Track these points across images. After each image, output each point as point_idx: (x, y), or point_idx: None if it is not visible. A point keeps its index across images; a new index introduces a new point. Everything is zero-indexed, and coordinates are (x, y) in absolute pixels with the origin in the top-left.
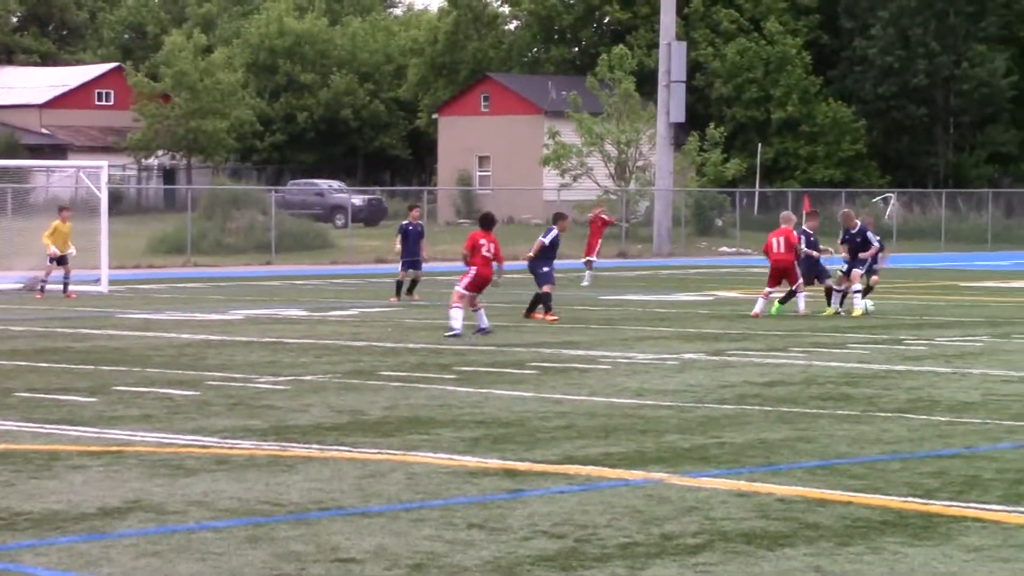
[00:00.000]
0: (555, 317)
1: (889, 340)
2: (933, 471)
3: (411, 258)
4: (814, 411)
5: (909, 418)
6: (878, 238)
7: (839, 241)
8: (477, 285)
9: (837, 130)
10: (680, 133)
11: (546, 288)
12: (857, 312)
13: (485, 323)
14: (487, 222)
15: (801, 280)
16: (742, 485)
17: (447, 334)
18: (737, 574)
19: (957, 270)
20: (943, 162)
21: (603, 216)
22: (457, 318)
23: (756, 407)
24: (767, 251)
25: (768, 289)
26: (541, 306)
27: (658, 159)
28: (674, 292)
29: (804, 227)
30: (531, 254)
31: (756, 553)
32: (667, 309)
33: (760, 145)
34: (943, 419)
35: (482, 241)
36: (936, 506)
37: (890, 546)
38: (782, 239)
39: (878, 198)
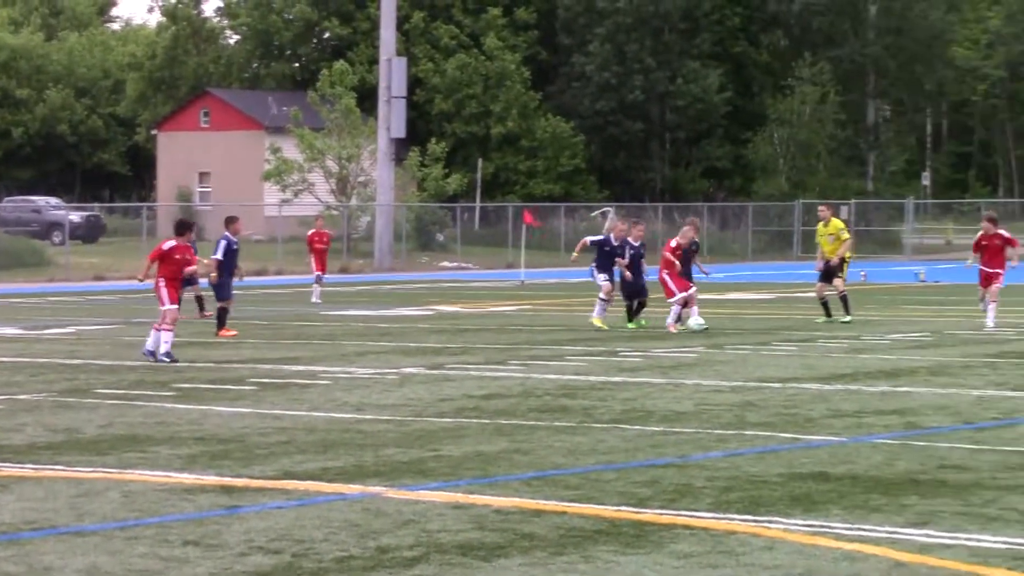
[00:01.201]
0: (233, 332)
1: (606, 352)
2: (646, 480)
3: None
4: (531, 423)
5: (624, 428)
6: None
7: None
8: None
9: (556, 145)
10: (401, 148)
11: (223, 304)
12: (598, 321)
13: (150, 347)
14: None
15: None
16: (459, 497)
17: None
18: None
19: None
20: (660, 176)
21: (322, 231)
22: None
23: (474, 420)
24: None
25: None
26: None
27: (379, 174)
28: (395, 307)
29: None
30: (214, 274)
31: (472, 564)
32: (388, 324)
33: (480, 160)
34: (657, 429)
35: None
36: (648, 514)
37: (603, 555)
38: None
39: (596, 212)
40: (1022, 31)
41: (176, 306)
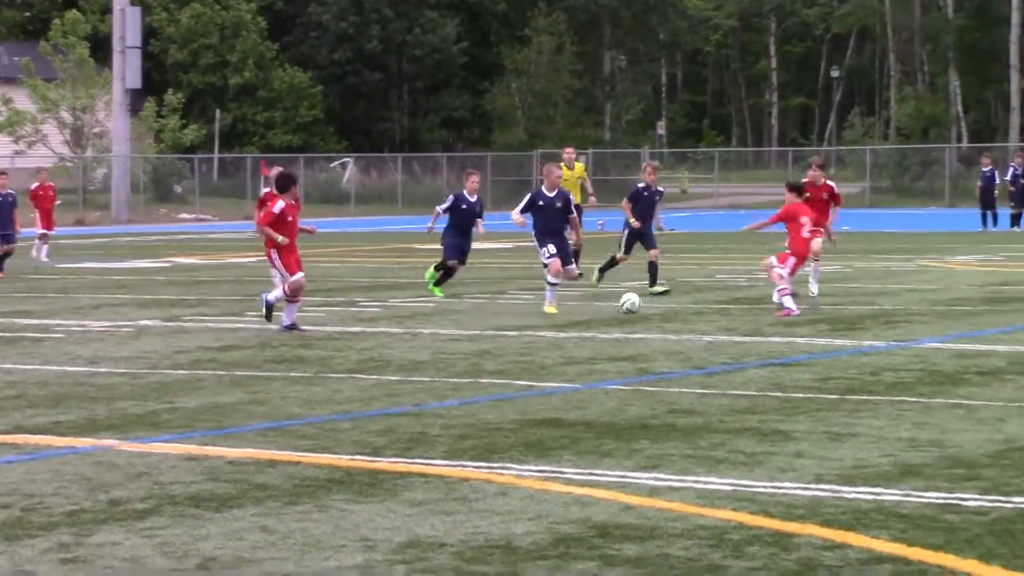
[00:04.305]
0: None
1: (344, 302)
2: (381, 429)
3: (4, 231)
4: (267, 374)
5: (360, 378)
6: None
7: None
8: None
9: (294, 96)
10: (137, 99)
11: None
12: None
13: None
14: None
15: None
16: (192, 449)
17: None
18: (183, 536)
19: (412, 233)
20: (398, 127)
21: (47, 184)
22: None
23: (210, 371)
24: None
25: None
26: None
27: (115, 125)
28: (132, 259)
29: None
30: None
31: (203, 515)
32: (124, 276)
33: (218, 111)
34: (394, 378)
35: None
36: (383, 463)
37: (337, 503)
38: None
39: (336, 163)
40: None
41: (301, 273)
